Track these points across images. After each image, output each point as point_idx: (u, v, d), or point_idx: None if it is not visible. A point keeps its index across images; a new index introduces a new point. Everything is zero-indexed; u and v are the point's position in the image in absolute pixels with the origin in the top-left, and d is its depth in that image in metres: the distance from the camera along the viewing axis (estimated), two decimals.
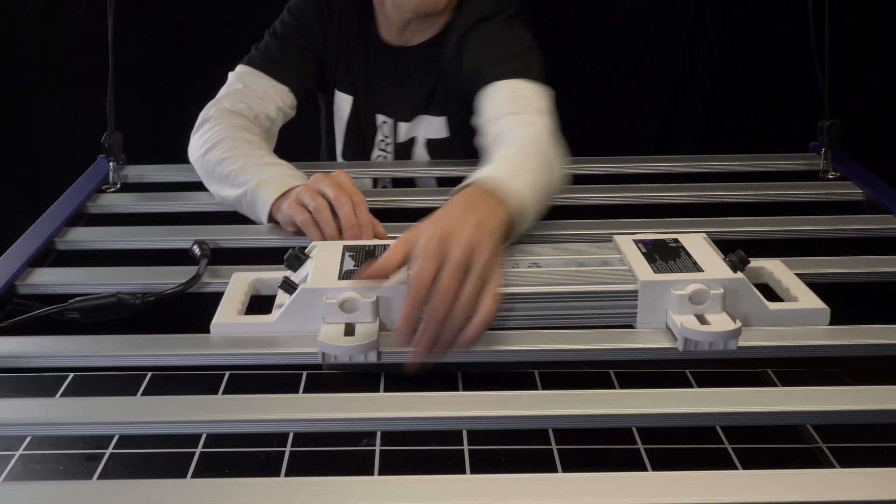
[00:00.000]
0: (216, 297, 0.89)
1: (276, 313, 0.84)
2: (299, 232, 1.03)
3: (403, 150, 1.35)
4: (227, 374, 1.82)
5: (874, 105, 1.74)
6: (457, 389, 1.34)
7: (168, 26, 1.86)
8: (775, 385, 1.74)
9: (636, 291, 0.82)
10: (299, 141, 1.83)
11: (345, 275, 0.84)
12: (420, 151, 1.34)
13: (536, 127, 1.07)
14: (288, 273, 0.88)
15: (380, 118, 1.35)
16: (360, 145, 1.37)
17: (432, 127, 1.32)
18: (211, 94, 1.89)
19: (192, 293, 0.95)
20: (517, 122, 1.09)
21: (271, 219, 1.07)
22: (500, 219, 0.84)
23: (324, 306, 0.80)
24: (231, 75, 1.29)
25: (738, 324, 0.78)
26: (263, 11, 1.81)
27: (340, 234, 1.00)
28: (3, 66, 1.89)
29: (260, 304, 0.90)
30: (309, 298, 0.81)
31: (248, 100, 1.25)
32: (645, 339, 0.81)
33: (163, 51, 1.89)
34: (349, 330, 0.80)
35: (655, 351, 0.81)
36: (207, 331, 0.83)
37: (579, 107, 1.85)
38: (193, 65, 1.88)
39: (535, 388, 1.55)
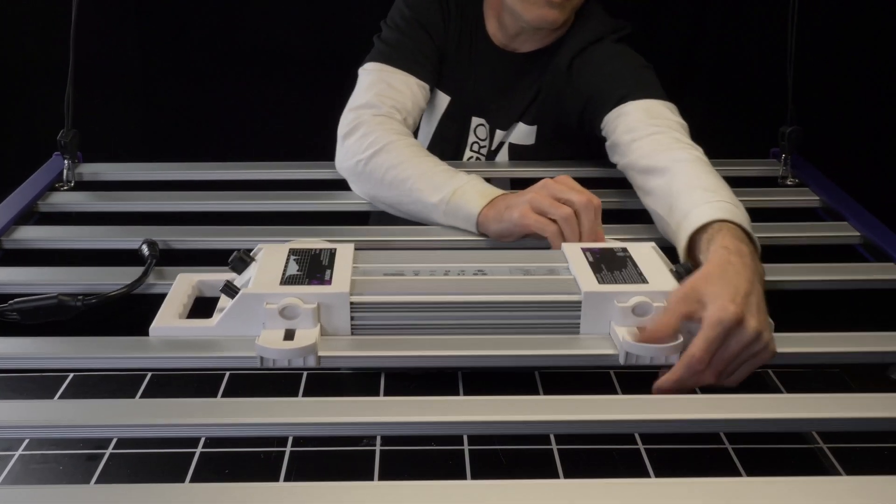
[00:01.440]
0: (163, 298, 0.88)
1: (216, 317, 0.83)
2: (522, 237, 1.01)
3: (492, 156, 1.34)
4: (228, 373, 1.82)
5: (835, 112, 1.74)
6: (457, 391, 1.33)
7: (167, 27, 1.85)
8: (777, 386, 1.75)
9: (580, 302, 0.81)
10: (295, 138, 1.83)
11: (287, 280, 0.83)
12: (502, 155, 1.33)
13: (693, 147, 1.08)
14: (231, 276, 0.88)
15: (475, 121, 1.33)
16: (451, 145, 1.35)
17: (520, 133, 1.31)
18: (212, 95, 1.89)
19: (139, 294, 0.94)
20: (673, 143, 1.08)
21: (479, 228, 1.05)
22: (762, 274, 0.84)
23: (264, 312, 0.79)
24: (363, 73, 1.25)
25: (680, 338, 0.77)
26: (263, 14, 1.81)
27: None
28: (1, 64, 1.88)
29: (206, 305, 0.89)
30: (249, 303, 0.80)
31: (393, 100, 1.20)
32: (589, 346, 0.81)
33: (162, 52, 1.88)
34: (289, 335, 0.79)
35: (598, 358, 0.80)
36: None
37: None
38: (193, 64, 1.87)
39: (534, 388, 1.55)
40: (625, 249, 0.90)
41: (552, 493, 0.63)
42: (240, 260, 0.88)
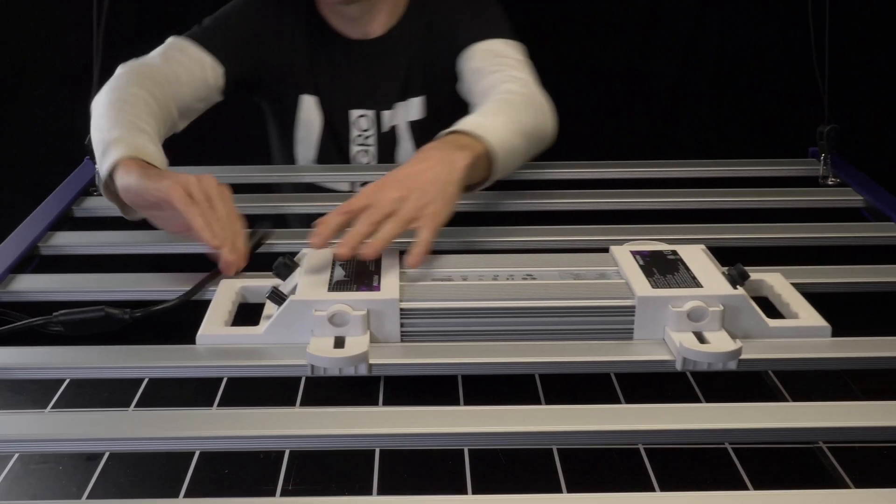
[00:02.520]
0: (206, 304, 0.86)
1: (263, 324, 0.81)
2: (148, 208, 0.94)
3: (387, 140, 1.34)
4: (225, 378, 1.82)
5: (874, 110, 1.73)
6: (457, 398, 1.32)
7: (167, 27, 1.84)
8: (776, 386, 1.73)
9: (633, 307, 0.80)
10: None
11: (335, 286, 0.81)
12: (404, 136, 1.33)
13: (519, 81, 1.15)
14: (276, 282, 0.86)
15: (355, 113, 1.33)
16: (336, 146, 1.35)
17: (412, 109, 1.32)
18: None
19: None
20: (501, 79, 1.15)
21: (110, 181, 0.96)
22: (460, 165, 0.93)
23: (313, 319, 0.78)
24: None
25: (739, 344, 0.76)
26: None
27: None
28: (2, 66, 1.87)
29: (250, 311, 0.88)
30: (297, 311, 0.79)
31: (168, 62, 1.17)
32: (643, 351, 0.79)
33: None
34: (339, 342, 0.78)
35: (654, 364, 0.79)
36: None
37: (578, 107, 1.83)
38: None
39: (535, 392, 1.54)
40: (675, 252, 0.89)
41: None
42: (284, 265, 0.86)
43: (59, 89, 1.88)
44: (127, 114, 1.03)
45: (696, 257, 0.87)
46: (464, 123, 1.01)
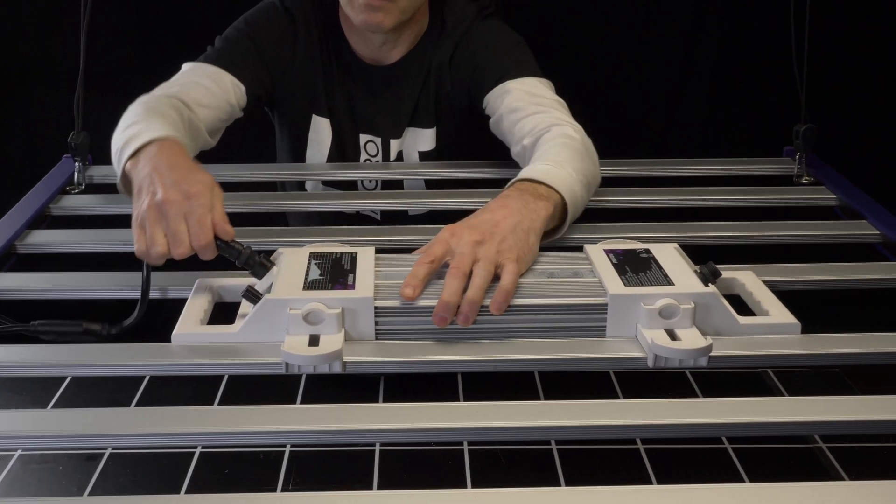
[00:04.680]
0: (181, 303, 0.87)
1: (239, 323, 0.82)
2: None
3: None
4: (225, 378, 1.82)
5: (850, 110, 1.74)
6: (457, 395, 1.32)
7: (168, 25, 1.84)
8: (776, 385, 1.74)
9: (606, 305, 0.80)
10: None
11: (310, 284, 0.82)
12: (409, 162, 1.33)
13: (572, 126, 1.12)
14: (252, 281, 0.87)
15: (364, 138, 1.32)
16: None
17: (422, 139, 1.31)
18: None
19: (161, 298, 0.93)
20: (549, 121, 1.12)
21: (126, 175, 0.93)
22: (541, 215, 0.92)
23: (288, 317, 0.79)
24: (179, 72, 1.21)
25: (709, 340, 0.77)
26: None
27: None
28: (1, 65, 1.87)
29: (226, 310, 0.89)
30: (273, 309, 0.80)
31: (187, 88, 1.14)
32: (616, 349, 0.80)
33: (162, 51, 1.87)
34: (313, 340, 0.78)
35: (627, 361, 0.80)
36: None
37: (575, 107, 1.84)
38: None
39: (534, 387, 1.54)
40: (648, 251, 0.90)
41: (553, 501, 0.63)
42: (260, 265, 0.86)
43: (57, 89, 1.88)
44: (159, 113, 1.01)
45: (668, 256, 0.88)
46: (536, 172, 0.98)
